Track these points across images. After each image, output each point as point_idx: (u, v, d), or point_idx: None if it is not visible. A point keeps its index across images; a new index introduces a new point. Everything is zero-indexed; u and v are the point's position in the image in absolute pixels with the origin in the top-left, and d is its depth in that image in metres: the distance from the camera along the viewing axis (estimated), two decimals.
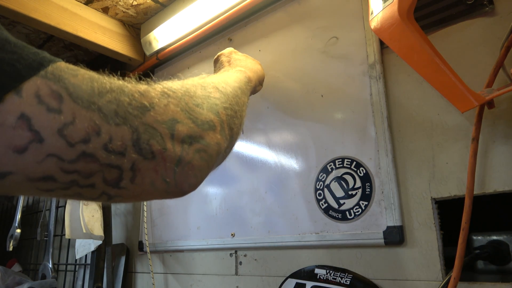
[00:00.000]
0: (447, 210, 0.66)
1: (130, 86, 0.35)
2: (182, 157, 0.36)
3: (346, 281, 0.71)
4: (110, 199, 0.34)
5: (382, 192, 0.70)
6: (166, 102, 0.37)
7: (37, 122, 0.27)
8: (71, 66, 0.32)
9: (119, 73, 0.38)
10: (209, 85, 0.48)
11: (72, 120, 0.29)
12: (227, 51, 0.79)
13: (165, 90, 0.39)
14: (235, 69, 0.69)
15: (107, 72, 0.35)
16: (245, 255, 0.91)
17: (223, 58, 0.77)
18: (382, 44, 0.76)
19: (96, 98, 0.31)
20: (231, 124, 0.46)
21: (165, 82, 0.42)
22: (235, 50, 0.80)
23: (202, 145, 0.39)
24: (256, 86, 0.75)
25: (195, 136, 0.38)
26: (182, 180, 0.37)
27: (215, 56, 0.80)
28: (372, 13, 0.60)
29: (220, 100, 0.46)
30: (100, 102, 0.31)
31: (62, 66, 0.30)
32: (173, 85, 0.42)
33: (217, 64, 0.78)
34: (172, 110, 0.37)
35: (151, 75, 1.33)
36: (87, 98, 0.30)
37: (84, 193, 0.32)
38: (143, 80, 0.39)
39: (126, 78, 0.37)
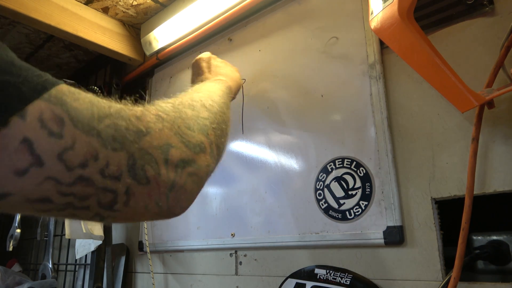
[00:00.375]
0: (447, 210, 0.66)
1: (127, 109, 0.36)
2: (175, 182, 0.37)
3: (346, 281, 0.71)
4: (102, 219, 0.35)
5: (382, 192, 0.70)
6: (161, 126, 0.38)
7: (39, 146, 0.28)
8: (72, 89, 0.32)
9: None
10: (197, 103, 0.49)
11: (72, 145, 0.30)
12: (206, 56, 0.80)
13: (160, 113, 0.40)
14: (217, 78, 0.71)
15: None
16: (245, 255, 0.91)
17: (203, 64, 0.78)
18: (382, 44, 0.76)
19: (96, 123, 0.32)
20: (219, 143, 0.48)
21: (158, 102, 0.44)
22: (214, 56, 0.81)
23: (194, 168, 0.40)
24: (235, 94, 0.77)
25: (187, 160, 0.39)
26: (174, 204, 0.38)
27: (193, 60, 0.80)
28: (372, 13, 0.60)
29: (209, 120, 0.48)
30: (99, 127, 0.32)
31: (64, 90, 0.31)
32: (166, 107, 0.43)
33: (196, 70, 0.78)
34: (166, 134, 0.38)
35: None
36: (87, 123, 0.31)
37: (79, 214, 0.33)
38: (138, 102, 0.40)
39: (123, 100, 0.38)
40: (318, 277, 0.76)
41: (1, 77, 0.27)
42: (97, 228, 1.15)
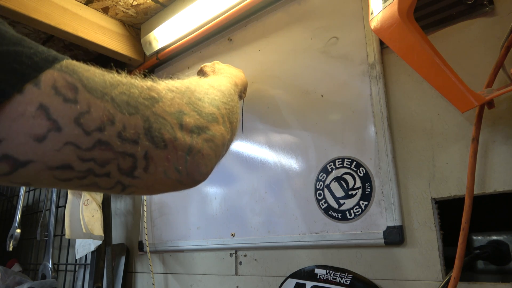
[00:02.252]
0: (447, 210, 0.66)
1: (138, 80, 0.37)
2: (192, 146, 0.38)
3: (346, 281, 0.71)
4: (124, 189, 0.36)
5: (382, 192, 0.70)
6: (172, 95, 0.39)
7: (55, 112, 0.29)
8: (82, 64, 0.33)
9: (125, 70, 0.41)
10: (205, 83, 0.51)
11: (88, 110, 0.30)
12: (210, 63, 0.82)
13: (169, 86, 0.41)
14: (222, 75, 0.72)
15: (113, 71, 0.37)
16: (245, 255, 0.91)
17: (207, 69, 0.80)
18: (382, 44, 0.76)
19: (109, 89, 0.33)
20: (231, 118, 0.49)
21: (165, 80, 0.44)
22: (217, 61, 0.83)
23: (209, 135, 0.41)
24: (241, 91, 0.78)
25: (202, 127, 0.40)
26: (193, 168, 0.38)
27: (199, 68, 0.83)
28: (372, 13, 0.60)
29: (218, 96, 0.49)
30: (113, 93, 0.33)
31: (74, 62, 0.32)
32: (174, 83, 0.44)
33: (201, 75, 0.80)
34: (178, 103, 0.39)
35: (152, 75, 1.33)
36: (100, 89, 0.32)
37: (100, 183, 0.34)
38: (147, 78, 0.41)
39: (132, 75, 0.39)
40: (318, 277, 0.76)
41: (14, 47, 0.27)
42: (97, 228, 1.15)
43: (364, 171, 0.73)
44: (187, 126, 0.38)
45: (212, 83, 0.53)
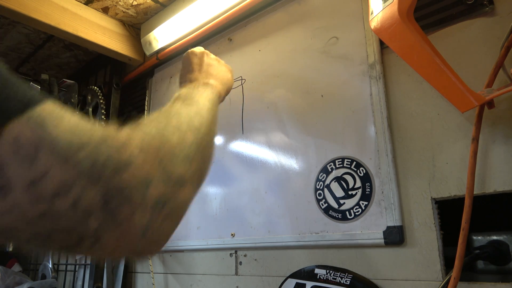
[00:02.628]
0: (447, 210, 0.66)
1: (110, 138, 0.34)
2: (149, 225, 0.34)
3: (346, 281, 0.71)
4: (72, 254, 0.34)
5: (382, 192, 0.70)
6: (143, 157, 0.35)
7: (9, 170, 0.27)
8: (56, 111, 0.31)
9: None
10: (185, 124, 0.47)
11: (45, 174, 0.28)
12: (199, 51, 0.76)
13: (144, 140, 0.37)
14: (207, 81, 0.67)
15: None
16: (245, 255, 0.91)
17: (194, 60, 0.74)
18: (382, 44, 0.76)
19: (73, 153, 0.30)
20: (202, 170, 0.45)
21: (145, 122, 0.41)
22: (207, 52, 0.77)
23: (171, 207, 0.37)
24: (224, 97, 0.73)
25: (166, 199, 0.36)
26: (145, 249, 0.35)
27: (185, 53, 0.77)
28: (372, 13, 0.60)
29: (195, 144, 0.45)
30: (77, 157, 0.30)
31: (47, 110, 0.30)
32: (152, 129, 0.40)
33: (186, 65, 0.75)
34: (148, 168, 0.35)
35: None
36: (65, 152, 0.29)
37: (46, 246, 0.31)
38: (129, 120, 0.38)
39: (109, 124, 0.35)
40: (318, 277, 0.76)
41: None
42: None
43: (364, 171, 0.73)
44: (149, 200, 0.34)
45: (194, 118, 0.49)
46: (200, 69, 0.72)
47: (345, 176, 0.76)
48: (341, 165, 0.77)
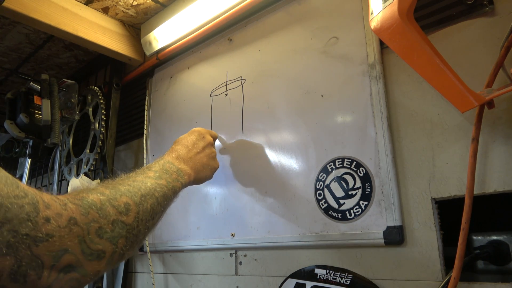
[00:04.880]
0: (447, 210, 0.66)
1: (42, 208, 0.36)
2: (54, 283, 0.37)
3: (346, 281, 0.71)
4: None
5: (382, 192, 0.70)
6: (67, 231, 0.37)
7: None
8: None
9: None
10: (133, 204, 0.49)
11: None
12: (207, 138, 0.82)
13: (78, 214, 0.39)
14: (183, 170, 0.69)
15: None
16: (245, 255, 0.91)
17: (195, 140, 0.79)
18: (382, 44, 0.76)
19: None
20: (125, 251, 0.47)
21: (92, 191, 0.44)
22: (212, 143, 0.83)
23: (78, 274, 0.39)
24: (189, 184, 0.74)
25: (76, 265, 0.39)
26: None
27: (194, 128, 0.83)
28: (372, 13, 0.60)
29: (129, 227, 0.47)
30: None
31: None
32: (93, 201, 0.43)
33: (186, 137, 0.80)
34: (67, 241, 0.38)
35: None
36: None
37: None
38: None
39: (42, 194, 0.38)
40: (318, 277, 0.76)
41: None
42: None
43: (364, 171, 0.73)
44: (59, 266, 0.37)
45: (142, 200, 0.51)
46: (191, 152, 0.76)
47: (345, 176, 0.76)
48: (341, 165, 0.77)
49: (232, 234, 0.93)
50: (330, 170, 0.78)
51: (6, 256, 0.32)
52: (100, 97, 1.34)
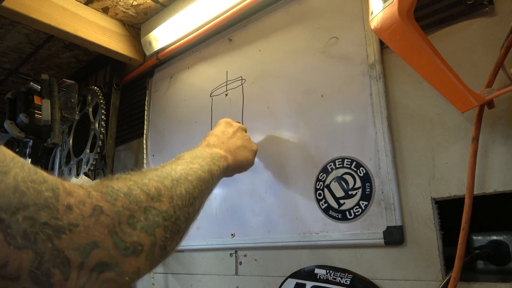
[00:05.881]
0: (447, 210, 0.66)
1: (64, 195, 0.31)
2: (85, 286, 0.31)
3: (346, 281, 0.71)
4: None
5: (382, 192, 0.70)
6: (93, 221, 0.32)
7: None
8: (5, 163, 0.28)
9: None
10: (164, 188, 0.43)
11: None
12: (236, 124, 0.80)
13: (105, 201, 0.34)
14: (219, 154, 0.65)
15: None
16: (245, 255, 0.91)
17: (226, 129, 0.76)
18: (382, 44, 0.76)
19: (10, 213, 0.27)
20: (167, 243, 0.41)
21: (120, 180, 0.39)
22: (243, 127, 0.81)
23: (115, 273, 0.34)
24: (231, 173, 0.70)
25: (110, 263, 0.33)
26: None
27: (222, 119, 0.81)
28: (372, 13, 0.60)
29: (165, 214, 0.41)
30: (13, 218, 0.27)
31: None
32: (121, 189, 0.37)
33: (216, 128, 0.77)
34: (97, 231, 0.32)
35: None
36: (1, 212, 0.27)
37: None
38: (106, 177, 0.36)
39: (65, 182, 0.33)
40: (318, 277, 0.76)
41: None
42: None
43: (364, 171, 0.73)
44: (89, 264, 0.31)
45: (177, 186, 0.45)
46: (222, 138, 0.73)
47: (345, 176, 0.76)
48: (341, 165, 0.77)
49: (232, 234, 0.93)
50: (330, 170, 0.78)
51: (22, 249, 0.27)
52: (100, 97, 1.34)
